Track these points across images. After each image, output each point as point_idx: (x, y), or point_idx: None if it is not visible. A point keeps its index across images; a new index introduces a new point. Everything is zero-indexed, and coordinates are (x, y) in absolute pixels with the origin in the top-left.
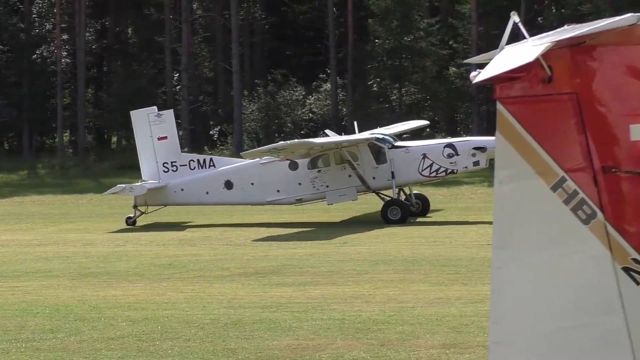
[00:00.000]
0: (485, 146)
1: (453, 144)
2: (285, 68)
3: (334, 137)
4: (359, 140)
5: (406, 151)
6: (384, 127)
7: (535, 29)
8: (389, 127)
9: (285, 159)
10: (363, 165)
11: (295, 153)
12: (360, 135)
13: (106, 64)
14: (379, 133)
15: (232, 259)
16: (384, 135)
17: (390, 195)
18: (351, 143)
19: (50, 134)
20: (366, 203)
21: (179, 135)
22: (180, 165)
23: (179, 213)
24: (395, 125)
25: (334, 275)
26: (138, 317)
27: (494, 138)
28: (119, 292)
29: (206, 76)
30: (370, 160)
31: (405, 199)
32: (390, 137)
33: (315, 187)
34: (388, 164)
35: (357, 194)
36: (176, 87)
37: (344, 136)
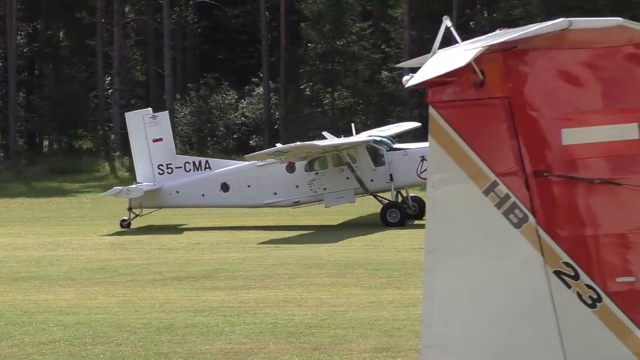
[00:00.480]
0: None
1: None
2: (217, 72)
3: (332, 140)
4: (357, 142)
5: (404, 153)
6: (378, 129)
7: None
8: (382, 129)
9: (288, 162)
10: (361, 168)
11: (297, 156)
12: (358, 137)
13: (38, 68)
14: (376, 135)
15: (165, 263)
16: (382, 137)
17: (388, 198)
18: (350, 145)
19: None
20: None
21: (116, 139)
22: (176, 168)
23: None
24: (388, 128)
25: (267, 279)
26: (70, 322)
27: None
28: (50, 297)
29: (138, 80)
30: (369, 162)
31: (402, 202)
32: (388, 140)
33: (312, 190)
34: (386, 167)
35: (355, 196)
36: (108, 91)
37: (343, 138)
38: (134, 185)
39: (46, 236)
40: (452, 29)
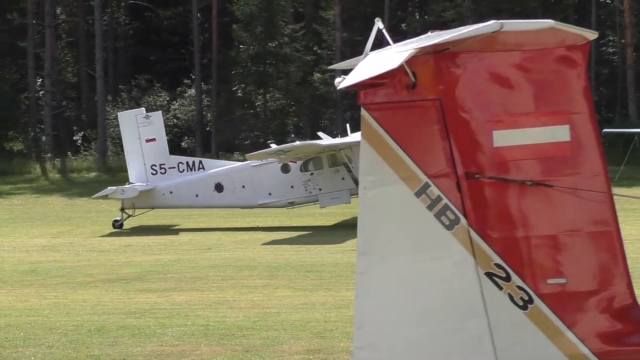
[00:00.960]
0: None
1: None
2: (149, 73)
3: (329, 140)
4: (352, 142)
5: None
6: None
7: (399, 36)
8: None
9: (290, 161)
10: (357, 168)
11: (298, 155)
12: (355, 137)
13: None
14: None
15: (96, 265)
16: None
17: None
18: (346, 145)
19: None
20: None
21: (47, 141)
22: (169, 168)
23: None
24: None
25: (198, 281)
26: (1, 324)
27: None
28: None
29: (70, 81)
30: None
31: None
32: None
33: (307, 190)
34: None
35: (351, 197)
36: (39, 93)
37: (339, 139)
38: (128, 185)
39: None
40: (384, 31)
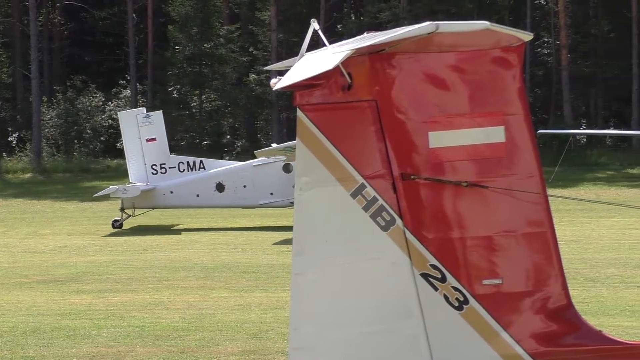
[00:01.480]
0: None
1: None
2: (84, 74)
3: None
4: None
5: None
6: None
7: (334, 37)
8: None
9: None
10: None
11: None
12: None
13: None
14: None
15: (31, 266)
16: None
17: None
18: None
19: None
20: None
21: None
22: (170, 168)
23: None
24: None
25: (134, 282)
26: None
27: None
28: None
29: (4, 82)
30: None
31: None
32: None
33: None
34: None
35: None
36: None
37: None
38: (129, 185)
39: None
40: (320, 32)
